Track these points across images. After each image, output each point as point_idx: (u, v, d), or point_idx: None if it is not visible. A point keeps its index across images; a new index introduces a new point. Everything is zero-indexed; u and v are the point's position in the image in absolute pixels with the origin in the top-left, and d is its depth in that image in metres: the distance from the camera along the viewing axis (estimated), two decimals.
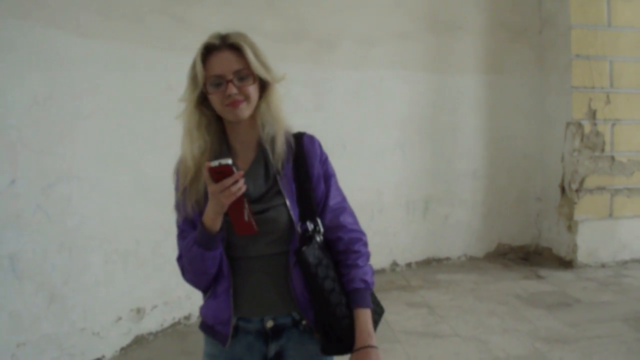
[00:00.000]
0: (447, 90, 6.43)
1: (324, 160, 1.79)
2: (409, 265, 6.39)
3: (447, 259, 6.59)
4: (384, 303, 1.91)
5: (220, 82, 1.59)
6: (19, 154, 3.46)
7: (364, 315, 1.67)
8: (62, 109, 3.75)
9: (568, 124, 6.15)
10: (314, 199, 1.71)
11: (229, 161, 1.44)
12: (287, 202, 1.66)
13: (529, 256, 6.74)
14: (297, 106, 5.42)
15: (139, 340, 4.36)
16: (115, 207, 4.13)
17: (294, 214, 1.66)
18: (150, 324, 4.45)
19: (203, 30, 1.78)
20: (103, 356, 4.03)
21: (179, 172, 1.71)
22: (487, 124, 6.62)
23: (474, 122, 6.57)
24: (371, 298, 1.73)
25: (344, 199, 1.80)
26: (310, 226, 1.68)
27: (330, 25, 5.81)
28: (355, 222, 1.81)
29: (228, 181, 1.45)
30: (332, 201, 1.75)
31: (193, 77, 1.62)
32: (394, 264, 6.30)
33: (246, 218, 1.52)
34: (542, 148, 6.70)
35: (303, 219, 1.68)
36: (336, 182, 1.81)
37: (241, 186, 1.47)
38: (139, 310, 4.35)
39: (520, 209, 6.81)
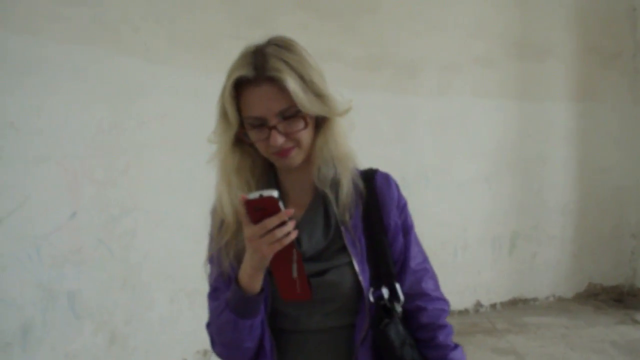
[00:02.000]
0: (535, 119, 6.12)
1: (403, 207, 1.46)
2: (493, 306, 6.05)
3: (534, 299, 6.21)
4: (467, 348, 1.61)
5: (262, 126, 1.26)
6: (81, 185, 3.36)
7: None
8: (128, 138, 3.66)
9: None
10: (390, 258, 1.38)
11: (274, 193, 1.09)
12: (354, 262, 1.33)
13: (622, 297, 6.28)
14: (377, 136, 5.24)
15: None
16: (182, 242, 3.93)
17: (364, 277, 1.33)
18: None
19: None
20: None
21: (214, 216, 1.42)
22: (578, 155, 6.27)
23: (564, 152, 6.24)
24: None
25: (425, 259, 1.48)
26: (385, 293, 1.35)
27: (412, 50, 5.60)
28: (438, 287, 1.48)
29: (271, 222, 1.11)
30: (414, 261, 1.43)
31: (224, 114, 1.29)
32: (478, 305, 5.98)
33: (295, 275, 1.17)
34: (638, 181, 6.32)
35: (375, 283, 1.35)
36: (416, 236, 1.48)
37: (289, 230, 1.13)
38: (205, 353, 4.18)
39: (613, 247, 6.40)
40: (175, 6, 4.09)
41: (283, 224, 1.12)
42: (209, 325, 1.42)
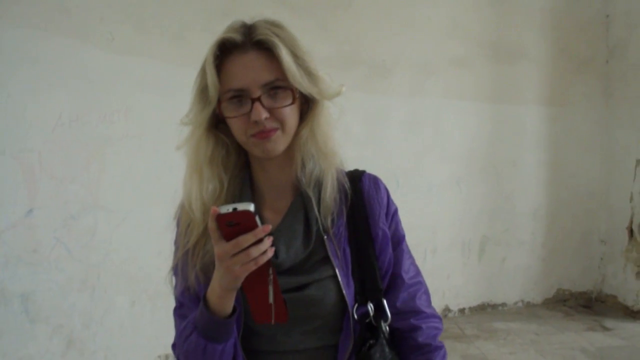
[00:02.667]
0: (508, 122, 6.09)
1: (393, 214, 1.33)
2: (462, 310, 5.99)
3: (503, 304, 6.17)
4: None
5: (242, 99, 1.14)
6: (38, 181, 3.26)
7: None
8: (89, 132, 3.55)
9: (638, 161, 5.79)
10: (378, 271, 1.26)
11: (250, 207, 0.96)
12: (338, 275, 1.20)
13: (590, 304, 6.28)
14: (347, 136, 5.09)
15: None
16: (145, 242, 3.80)
17: (348, 292, 1.20)
18: None
19: None
20: None
21: (180, 221, 1.28)
22: (549, 160, 6.25)
23: (535, 157, 6.20)
24: None
25: (418, 271, 1.35)
26: (371, 310, 1.23)
27: (385, 49, 5.51)
28: (430, 302, 1.36)
29: (246, 239, 0.98)
30: (407, 275, 1.30)
31: (202, 90, 1.16)
32: (446, 309, 5.92)
33: (271, 300, 1.04)
34: (608, 187, 6.28)
35: (361, 299, 1.23)
36: (408, 247, 1.35)
37: (266, 249, 1.00)
38: (167, 357, 4.05)
39: (582, 252, 6.39)
40: None
41: (259, 241, 0.99)
42: (174, 347, 1.27)
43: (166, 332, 3.87)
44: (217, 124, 1.22)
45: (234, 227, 0.97)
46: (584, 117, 6.31)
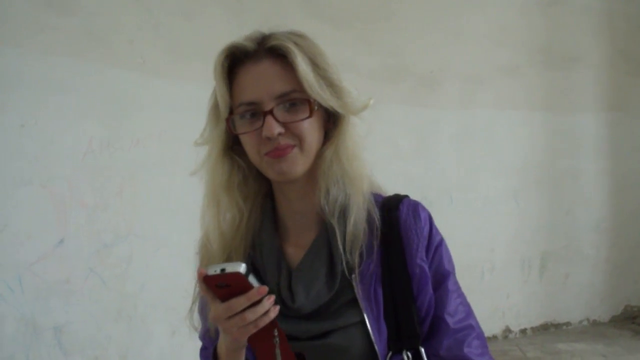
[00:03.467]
0: (565, 131, 5.89)
1: (437, 247, 1.13)
2: (523, 331, 5.74)
3: (567, 324, 5.91)
4: None
5: (255, 114, 1.03)
6: (68, 210, 3.21)
7: None
8: (121, 158, 3.49)
9: None
10: (415, 314, 1.08)
11: (240, 268, 0.86)
12: (367, 320, 1.05)
13: None
14: (395, 152, 5.01)
15: None
16: (183, 270, 3.64)
17: (380, 340, 1.05)
18: None
19: None
20: None
21: (202, 258, 1.18)
22: (611, 168, 6.03)
23: (596, 166, 5.99)
24: None
25: (470, 313, 1.14)
26: (408, 359, 1.06)
27: (431, 61, 5.37)
28: (486, 349, 1.13)
29: (239, 303, 0.88)
30: (453, 318, 1.10)
31: (214, 107, 1.09)
32: (507, 330, 5.67)
33: None
34: None
35: (395, 347, 1.06)
36: (456, 285, 1.14)
37: (266, 311, 0.91)
38: None
39: None
40: (174, 15, 3.90)
41: (258, 302, 0.90)
42: None
43: None
44: (232, 146, 1.12)
45: (226, 289, 0.89)
46: None
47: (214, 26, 4.09)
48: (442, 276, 1.12)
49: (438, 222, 1.13)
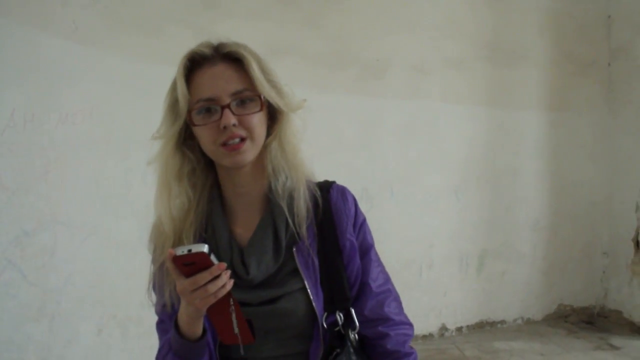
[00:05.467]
0: (507, 127, 5.91)
1: (361, 224, 1.40)
2: (459, 329, 5.73)
3: (502, 322, 5.94)
4: None
5: (211, 108, 1.22)
6: None
7: None
8: (47, 135, 3.33)
9: None
10: (346, 281, 1.33)
11: (204, 248, 1.07)
12: (307, 286, 1.28)
13: (593, 319, 6.10)
14: (338, 141, 4.93)
15: None
16: (114, 261, 3.62)
17: (318, 303, 1.28)
18: None
19: None
20: None
21: (155, 239, 1.36)
22: (550, 168, 6.09)
23: (535, 165, 6.04)
24: None
25: (388, 279, 1.43)
26: (340, 319, 1.31)
27: (378, 49, 5.27)
28: (401, 310, 1.42)
29: (203, 277, 1.08)
30: (375, 283, 1.38)
31: (172, 104, 1.25)
32: (443, 328, 5.64)
33: (235, 330, 1.15)
34: (612, 196, 6.13)
35: (330, 308, 1.31)
36: (377, 256, 1.43)
37: (224, 284, 1.10)
38: None
39: (584, 265, 6.22)
40: None
41: (217, 277, 1.09)
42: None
43: None
44: (186, 140, 1.30)
45: (190, 266, 1.07)
46: (586, 123, 6.19)
47: None
48: (366, 248, 1.39)
49: (378, 216, 1.22)
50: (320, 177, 1.40)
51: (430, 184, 5.51)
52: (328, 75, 4.90)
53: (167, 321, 1.32)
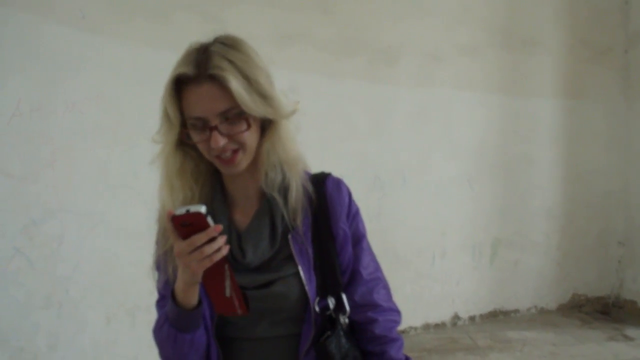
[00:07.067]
0: (521, 115, 5.85)
1: (354, 215, 1.46)
2: (472, 318, 5.69)
3: (516, 311, 5.89)
4: None
5: (202, 125, 1.25)
6: None
7: None
8: (54, 123, 3.31)
9: None
10: (338, 267, 1.40)
11: (202, 209, 1.10)
12: (301, 271, 1.34)
13: (608, 309, 6.06)
14: (350, 130, 4.88)
15: None
16: (121, 250, 3.57)
17: (310, 288, 1.34)
18: None
19: (242, 34, 1.35)
20: None
21: (161, 221, 1.41)
22: (565, 156, 6.04)
23: (550, 153, 5.98)
24: None
25: (377, 267, 1.49)
26: (331, 303, 1.37)
27: (390, 35, 5.20)
28: (390, 297, 1.49)
29: (199, 238, 1.11)
30: (365, 271, 1.44)
31: (166, 114, 1.27)
32: (456, 317, 5.60)
33: (227, 294, 1.17)
34: (627, 184, 6.08)
35: (322, 293, 1.36)
36: (368, 245, 1.49)
37: (220, 247, 1.13)
38: None
39: (599, 254, 6.16)
40: None
41: (213, 239, 1.12)
42: (154, 334, 1.38)
43: (147, 350, 3.57)
44: (187, 137, 1.31)
45: (188, 227, 1.10)
46: (601, 111, 6.11)
47: None
48: (358, 238, 1.45)
49: (390, 204, 1.12)
50: (332, 165, 1.43)
51: (443, 172, 5.46)
52: (339, 62, 4.84)
53: (168, 298, 1.35)
